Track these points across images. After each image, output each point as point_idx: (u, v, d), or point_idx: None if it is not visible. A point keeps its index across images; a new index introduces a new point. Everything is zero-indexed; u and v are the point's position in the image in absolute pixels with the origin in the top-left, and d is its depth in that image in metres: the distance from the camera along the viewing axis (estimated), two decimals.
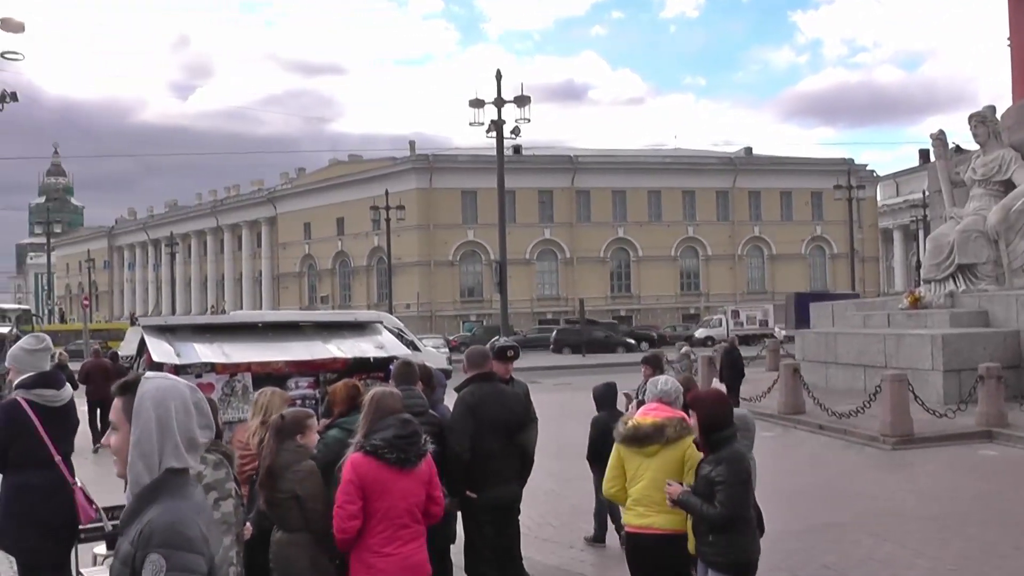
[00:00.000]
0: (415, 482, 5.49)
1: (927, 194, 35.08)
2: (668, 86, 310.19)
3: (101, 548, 7.99)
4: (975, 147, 24.51)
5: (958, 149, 26.35)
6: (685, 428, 6.18)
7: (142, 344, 7.35)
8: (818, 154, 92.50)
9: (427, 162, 76.72)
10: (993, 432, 16.44)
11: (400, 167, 76.76)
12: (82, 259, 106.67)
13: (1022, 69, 25.24)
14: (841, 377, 23.50)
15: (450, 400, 7.88)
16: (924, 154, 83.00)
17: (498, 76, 35.86)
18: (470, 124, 36.51)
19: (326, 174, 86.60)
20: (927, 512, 11.36)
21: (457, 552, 7.64)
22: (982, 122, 23.72)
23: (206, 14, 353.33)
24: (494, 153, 38.10)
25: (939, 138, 25.11)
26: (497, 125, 36.03)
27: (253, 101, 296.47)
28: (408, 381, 7.02)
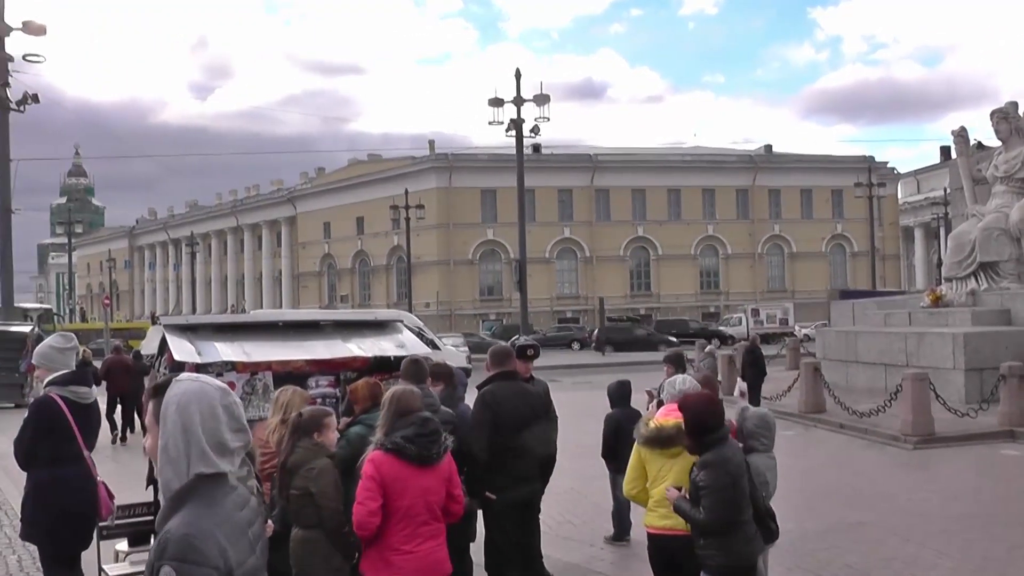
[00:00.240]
0: (436, 479, 5.49)
1: (948, 191, 34.92)
2: (687, 84, 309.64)
3: (123, 545, 8.05)
4: (997, 143, 24.35)
5: (980, 146, 26.19)
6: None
7: (163, 343, 7.37)
8: (838, 151, 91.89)
9: (447, 161, 76.73)
10: (1016, 432, 16.35)
11: (420, 166, 76.80)
12: (103, 259, 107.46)
13: None
14: (862, 376, 23.39)
15: (471, 399, 7.89)
16: (945, 151, 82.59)
17: (517, 75, 35.93)
18: (489, 123, 36.66)
19: (346, 174, 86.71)
20: (949, 512, 11.30)
21: (477, 550, 7.64)
22: (1004, 118, 23.55)
23: (225, 15, 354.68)
24: (513, 152, 38.20)
25: (961, 135, 24.95)
26: (516, 124, 36.10)
27: (272, 101, 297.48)
28: (417, 379, 7.00)
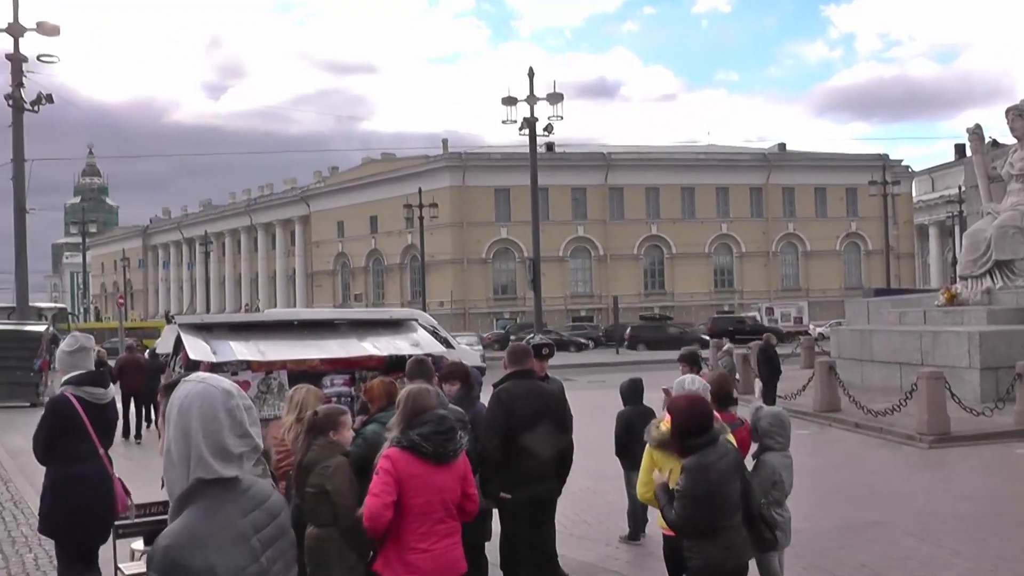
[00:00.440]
0: (451, 478, 5.49)
1: (963, 189, 34.80)
2: (700, 82, 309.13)
3: (139, 544, 8.07)
4: (1012, 141, 24.25)
5: (995, 143, 26.04)
6: (723, 427, 6.16)
7: (178, 342, 7.39)
8: (852, 149, 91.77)
9: (460, 160, 76.80)
10: None
11: (433, 165, 76.84)
12: (117, 258, 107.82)
13: None
14: (877, 375, 23.33)
15: (487, 397, 7.88)
16: (960, 149, 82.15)
17: (530, 74, 35.90)
18: (503, 122, 36.62)
19: (359, 173, 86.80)
20: (965, 511, 11.26)
21: (492, 549, 7.64)
22: (1020, 115, 23.45)
23: (238, 15, 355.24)
24: (527, 150, 38.15)
25: (975, 132, 24.87)
26: (530, 123, 36.06)
27: (285, 101, 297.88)
28: (423, 379, 6.97)
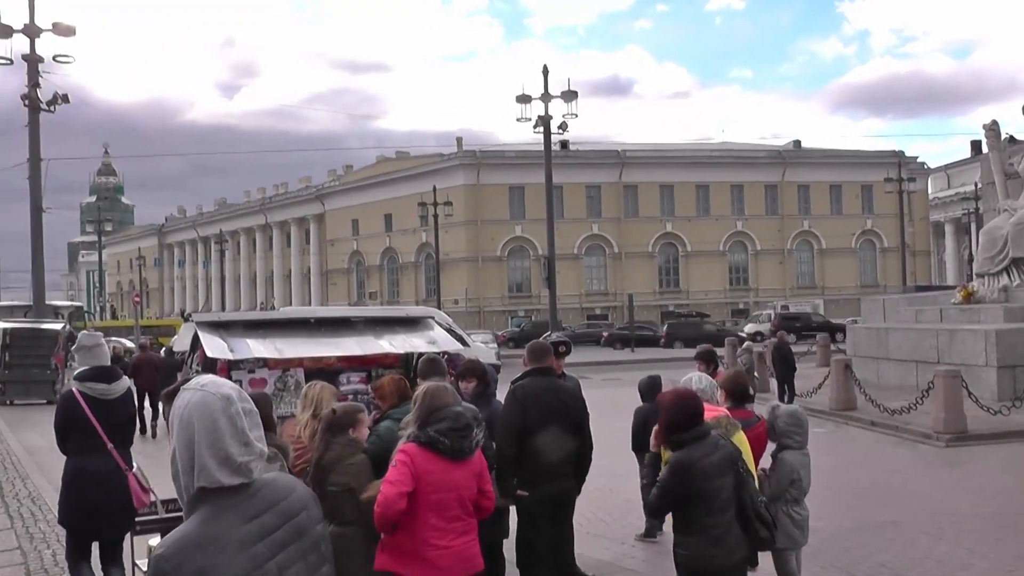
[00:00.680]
0: (467, 474, 5.49)
1: (980, 186, 34.57)
2: (714, 79, 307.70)
3: (155, 540, 8.08)
4: None
5: (1012, 139, 25.90)
6: (734, 424, 6.17)
7: (195, 340, 7.40)
8: (867, 146, 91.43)
9: (475, 158, 76.84)
10: None
11: (448, 163, 76.92)
12: (133, 257, 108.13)
13: None
14: (893, 373, 23.26)
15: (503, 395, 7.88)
16: (976, 145, 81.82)
17: (545, 71, 35.87)
18: (517, 120, 36.57)
19: (374, 171, 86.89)
20: (983, 511, 11.20)
21: (510, 548, 7.63)
22: None
23: (252, 14, 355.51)
24: (541, 149, 38.12)
25: (992, 128, 24.74)
26: (544, 121, 36.02)
27: (299, 99, 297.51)
28: (435, 376, 6.95)
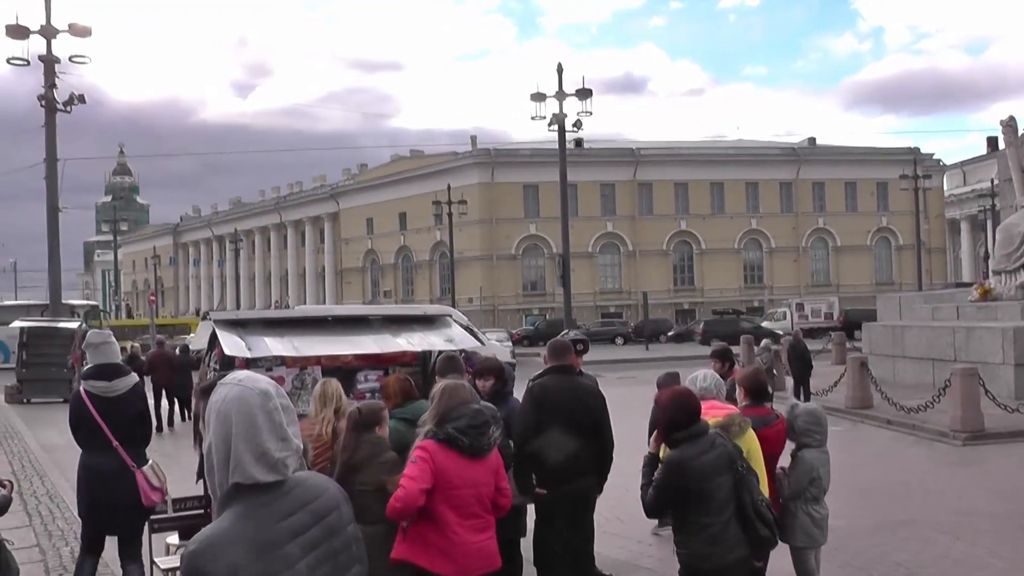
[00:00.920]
0: (485, 471, 5.51)
1: (996, 183, 34.48)
2: (728, 76, 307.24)
3: (174, 538, 8.12)
4: None
5: None
6: (746, 422, 6.15)
7: (213, 338, 7.43)
8: (882, 143, 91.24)
9: (489, 156, 76.89)
10: None
11: (462, 162, 77.00)
12: (148, 256, 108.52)
13: None
14: (909, 371, 23.20)
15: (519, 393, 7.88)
16: (992, 141, 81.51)
17: (559, 70, 35.83)
18: (532, 118, 36.53)
19: (388, 170, 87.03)
20: (1001, 510, 11.16)
21: (527, 546, 7.63)
22: None
23: (265, 13, 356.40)
24: (555, 147, 38.10)
25: (1009, 124, 24.64)
26: (559, 119, 36.00)
27: (313, 99, 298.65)
28: (453, 374, 6.96)
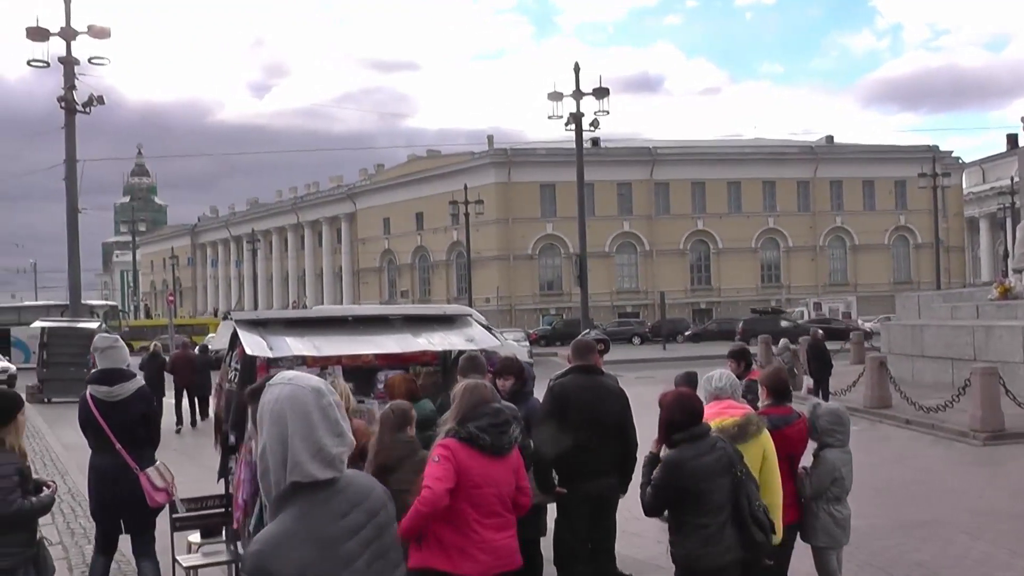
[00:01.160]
0: (506, 470, 5.51)
1: (1016, 180, 34.30)
2: (744, 74, 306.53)
3: (195, 536, 8.18)
4: None
5: None
6: (763, 422, 6.14)
7: (234, 337, 7.45)
8: (901, 141, 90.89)
9: (505, 156, 76.90)
10: None
11: (478, 162, 77.05)
12: (166, 256, 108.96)
13: None
14: (928, 370, 23.11)
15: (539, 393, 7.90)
16: (1012, 139, 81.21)
17: (576, 69, 35.83)
18: (548, 117, 36.57)
19: (405, 170, 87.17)
20: (1021, 510, 11.11)
21: (547, 546, 7.63)
22: None
23: (282, 14, 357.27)
24: (572, 146, 38.10)
25: None
26: (576, 118, 36.00)
27: (329, 99, 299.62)
28: (474, 374, 6.94)
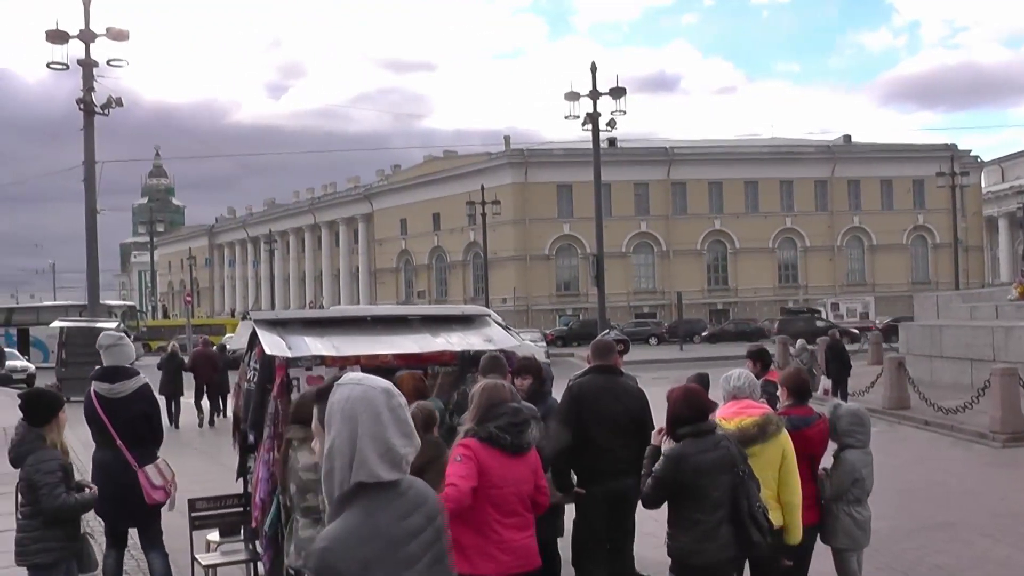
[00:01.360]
0: (526, 469, 5.52)
1: None
2: (761, 73, 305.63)
3: (214, 535, 8.22)
4: None
5: None
6: (782, 422, 6.14)
7: (253, 337, 7.47)
8: (919, 140, 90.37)
9: (522, 156, 76.85)
10: None
11: (495, 162, 77.06)
12: (184, 257, 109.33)
13: None
14: (947, 371, 22.99)
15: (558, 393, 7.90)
16: None
17: (593, 68, 35.81)
18: (565, 117, 36.56)
19: (421, 170, 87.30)
20: None
21: (565, 546, 7.62)
22: None
23: (299, 15, 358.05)
24: (589, 146, 38.09)
25: None
26: (593, 118, 35.98)
27: (345, 99, 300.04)
28: (496, 374, 6.92)
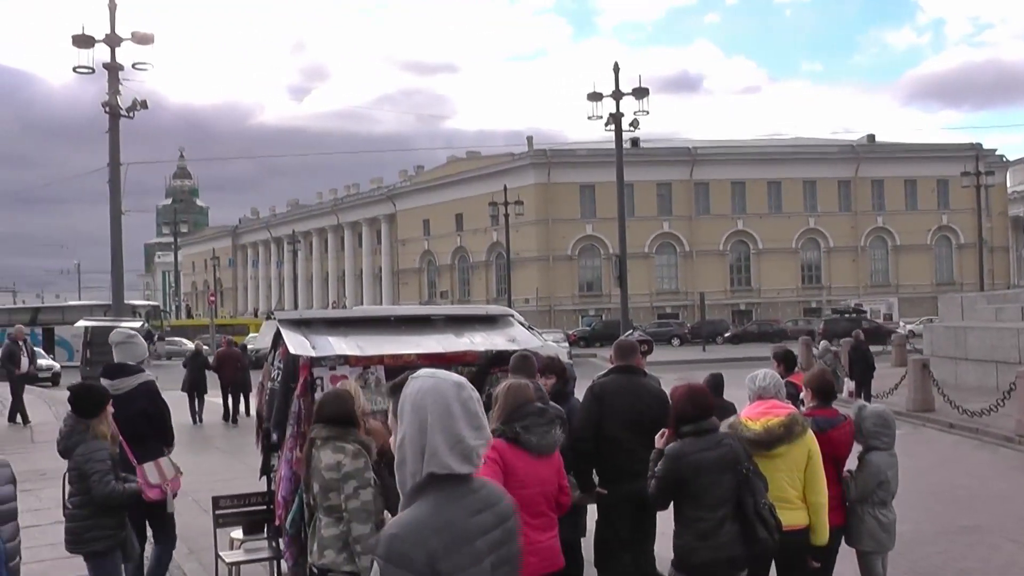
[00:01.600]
0: (551, 469, 5.55)
1: None
2: (784, 73, 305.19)
3: (238, 532, 8.26)
4: None
5: None
6: (808, 422, 6.13)
7: (277, 337, 7.51)
8: (943, 139, 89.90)
9: (545, 157, 76.91)
10: None
11: (518, 163, 77.12)
12: (207, 257, 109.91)
13: None
14: (972, 373, 22.87)
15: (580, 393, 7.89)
16: None
17: (615, 69, 35.75)
18: (588, 118, 36.52)
19: (444, 171, 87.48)
20: None
21: (587, 547, 7.61)
22: None
23: (321, 18, 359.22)
24: (612, 147, 37.99)
25: None
26: (616, 118, 35.92)
27: (368, 101, 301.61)
28: (526, 374, 6.97)
